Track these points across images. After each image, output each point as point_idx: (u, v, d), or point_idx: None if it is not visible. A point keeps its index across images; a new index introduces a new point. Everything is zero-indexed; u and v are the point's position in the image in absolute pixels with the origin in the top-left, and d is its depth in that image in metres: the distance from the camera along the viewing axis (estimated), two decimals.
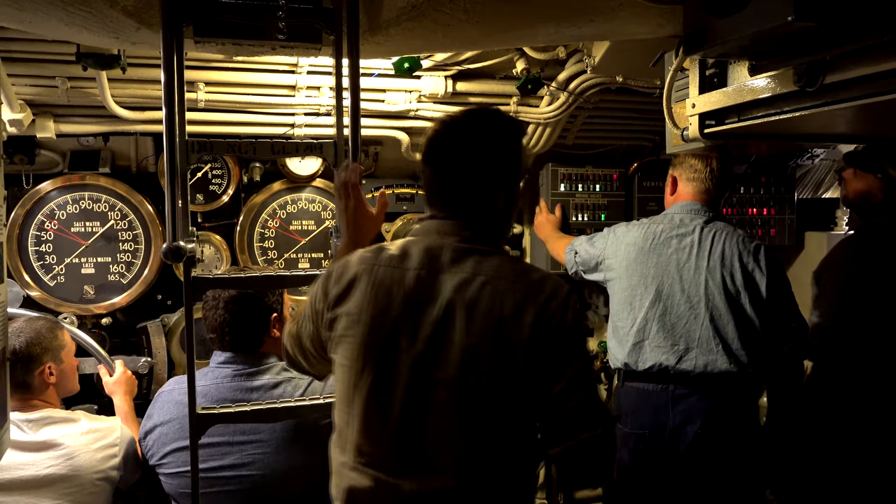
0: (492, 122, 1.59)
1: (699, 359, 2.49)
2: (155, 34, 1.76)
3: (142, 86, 2.63)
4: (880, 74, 1.25)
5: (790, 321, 2.56)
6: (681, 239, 2.58)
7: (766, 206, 3.68)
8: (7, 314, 1.93)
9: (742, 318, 2.50)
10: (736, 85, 1.65)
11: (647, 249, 2.59)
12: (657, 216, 2.73)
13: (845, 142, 2.64)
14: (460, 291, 1.44)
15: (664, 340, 2.53)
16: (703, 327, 2.49)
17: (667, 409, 2.52)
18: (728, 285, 2.51)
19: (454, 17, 1.87)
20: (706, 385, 2.49)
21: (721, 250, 2.53)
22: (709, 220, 2.61)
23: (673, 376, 2.51)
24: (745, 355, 2.48)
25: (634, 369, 2.58)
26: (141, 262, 2.98)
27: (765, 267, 2.53)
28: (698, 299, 2.51)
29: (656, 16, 1.86)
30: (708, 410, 2.48)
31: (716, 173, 2.63)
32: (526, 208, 3.60)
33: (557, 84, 2.96)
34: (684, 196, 2.68)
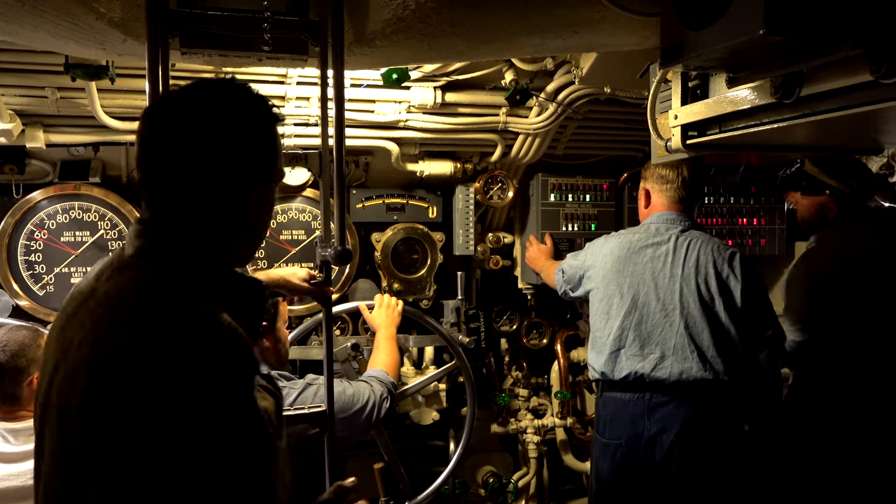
0: (216, 93, 1.22)
1: (674, 366, 2.49)
2: (141, 45, 1.77)
3: (131, 96, 2.65)
4: (854, 87, 1.27)
5: (766, 328, 2.56)
6: (656, 247, 2.59)
7: (756, 216, 3.69)
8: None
9: (717, 326, 2.50)
10: (716, 96, 1.66)
11: (624, 259, 2.61)
12: (635, 227, 2.75)
13: (826, 152, 2.66)
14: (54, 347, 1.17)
15: (640, 349, 2.53)
16: (679, 335, 2.50)
17: (643, 418, 2.52)
18: (703, 292, 2.51)
19: (440, 29, 1.88)
20: (682, 393, 2.49)
21: (696, 258, 2.54)
22: (685, 228, 2.62)
23: (649, 384, 2.52)
24: (720, 363, 2.49)
25: (612, 378, 2.59)
26: None
27: (739, 274, 2.53)
28: (673, 307, 2.52)
29: (640, 27, 1.88)
30: (684, 419, 2.48)
31: (687, 182, 2.64)
32: (517, 217, 3.62)
33: (546, 95, 2.98)
34: (659, 207, 2.70)
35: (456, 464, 3.08)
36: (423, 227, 3.38)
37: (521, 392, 3.70)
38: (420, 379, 3.03)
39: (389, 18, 1.83)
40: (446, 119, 3.05)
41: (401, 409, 3.23)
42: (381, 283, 3.36)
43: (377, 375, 2.52)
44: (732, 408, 2.58)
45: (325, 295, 1.88)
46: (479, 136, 3.17)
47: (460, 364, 3.02)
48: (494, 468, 3.72)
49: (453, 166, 3.30)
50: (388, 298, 2.94)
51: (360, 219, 3.32)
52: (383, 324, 2.83)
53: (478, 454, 3.70)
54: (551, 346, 3.75)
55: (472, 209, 3.40)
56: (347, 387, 2.35)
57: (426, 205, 3.41)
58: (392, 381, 2.55)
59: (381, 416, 2.39)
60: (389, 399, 2.45)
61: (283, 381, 2.18)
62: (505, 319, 3.74)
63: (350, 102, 2.87)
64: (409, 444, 3.40)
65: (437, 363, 3.35)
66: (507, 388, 3.71)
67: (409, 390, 2.96)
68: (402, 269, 3.37)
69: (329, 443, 1.85)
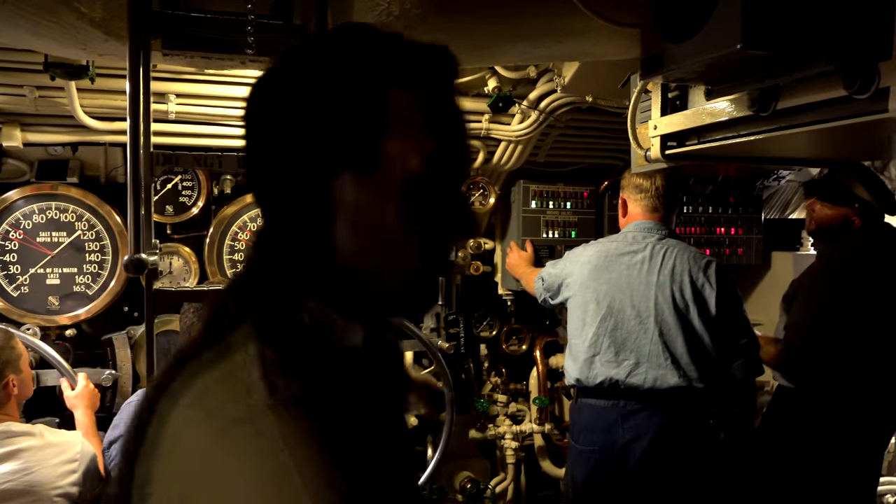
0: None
1: (649, 373, 2.50)
2: (123, 45, 1.76)
3: (111, 96, 2.63)
4: (828, 101, 1.29)
5: (740, 337, 2.57)
6: (633, 255, 2.61)
7: (733, 226, 3.74)
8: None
9: (691, 334, 2.52)
10: (695, 108, 1.69)
11: (601, 267, 2.62)
12: (614, 235, 2.77)
13: (804, 164, 2.71)
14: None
15: (614, 355, 2.55)
16: (653, 342, 2.51)
17: (617, 425, 2.53)
18: (677, 300, 2.52)
19: (424, 35, 1.89)
20: (656, 400, 2.51)
21: (671, 266, 2.55)
22: (662, 237, 2.64)
23: (623, 391, 2.53)
24: (694, 370, 2.50)
25: (587, 385, 2.60)
26: (108, 274, 2.95)
27: (714, 282, 2.54)
28: (648, 314, 2.53)
29: (623, 38, 1.90)
30: (657, 427, 2.50)
31: (661, 191, 2.65)
32: (498, 223, 3.64)
33: (529, 102, 3.00)
34: (636, 216, 2.71)
35: (433, 469, 3.08)
36: None
37: (500, 398, 3.71)
38: None
39: (373, 24, 1.83)
40: None
41: None
42: None
43: None
44: (706, 416, 2.60)
45: None
46: None
47: (439, 369, 3.03)
48: (472, 474, 3.72)
49: None
50: None
51: None
52: None
53: (456, 460, 3.70)
54: (530, 353, 3.76)
55: None
56: None
57: None
58: None
59: None
60: None
61: None
62: (485, 325, 3.75)
63: None
64: None
65: (416, 368, 3.35)
66: (486, 394, 3.71)
67: None
68: None
69: None
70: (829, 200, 2.89)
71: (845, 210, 2.86)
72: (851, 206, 2.84)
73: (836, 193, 2.86)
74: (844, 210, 2.86)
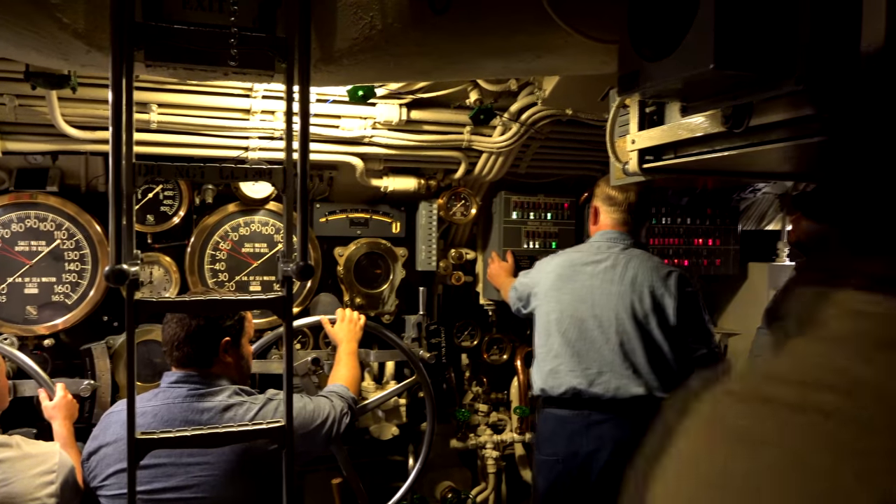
0: None
1: (610, 383, 2.52)
2: (105, 57, 1.76)
3: (93, 105, 2.62)
4: (798, 119, 1.33)
5: (699, 347, 2.58)
6: (596, 265, 2.63)
7: (711, 237, 3.80)
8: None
9: (650, 343, 2.54)
10: (671, 123, 1.72)
11: (565, 277, 2.65)
12: (581, 244, 2.80)
13: (778, 178, 2.76)
14: None
15: (577, 364, 2.56)
16: (614, 352, 2.53)
17: (580, 435, 2.55)
18: (637, 310, 2.54)
19: (406, 49, 1.91)
20: (618, 410, 2.52)
21: (633, 276, 2.57)
22: (626, 247, 2.66)
23: (586, 401, 2.54)
24: (654, 380, 2.52)
25: (551, 394, 2.62)
26: (87, 283, 2.93)
27: (674, 292, 2.56)
28: (609, 324, 2.55)
29: (601, 53, 1.94)
30: (620, 437, 2.51)
31: (633, 206, 2.69)
32: (479, 234, 3.66)
33: (510, 115, 3.03)
34: (605, 225, 2.74)
35: (415, 479, 3.08)
36: (386, 243, 3.40)
37: (481, 407, 3.73)
38: (380, 394, 3.04)
39: (356, 38, 1.85)
40: (411, 136, 3.08)
41: (361, 424, 3.23)
42: (343, 298, 3.36)
43: (338, 391, 2.52)
44: None
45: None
46: (443, 154, 3.21)
47: (420, 379, 3.04)
48: (453, 483, 3.73)
49: (417, 182, 3.33)
50: (350, 313, 2.95)
51: (324, 233, 3.33)
52: (345, 338, 2.83)
53: (437, 469, 3.71)
54: (511, 362, 3.79)
55: (435, 225, 3.43)
56: (308, 402, 2.35)
57: (390, 220, 3.43)
58: (353, 396, 2.55)
59: (341, 431, 2.38)
60: (350, 414, 2.45)
61: (245, 395, 2.16)
62: (466, 335, 3.77)
63: (316, 117, 2.89)
64: (369, 459, 3.40)
65: (397, 378, 3.36)
66: (467, 404, 3.73)
67: (369, 405, 2.96)
68: (365, 283, 3.38)
69: (287, 458, 1.84)
70: (815, 217, 2.96)
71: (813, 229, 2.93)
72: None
73: (826, 209, 2.92)
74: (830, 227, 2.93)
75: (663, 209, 3.71)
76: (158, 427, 1.98)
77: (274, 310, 1.92)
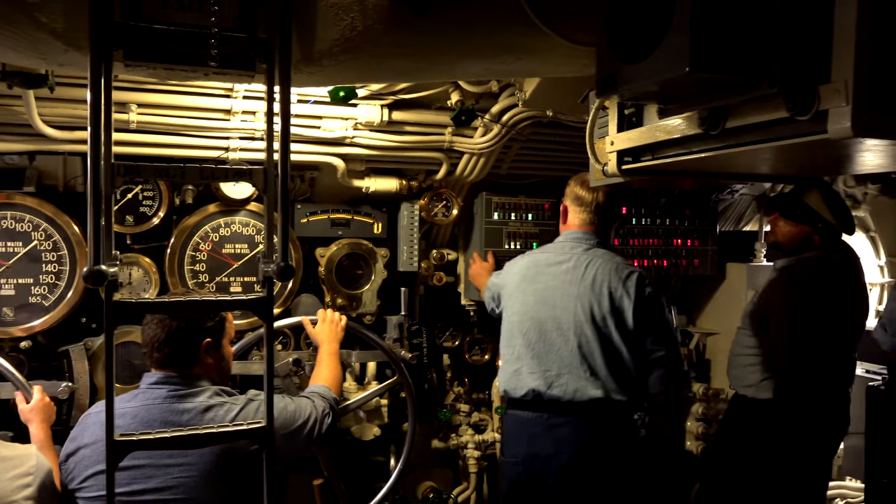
0: None
1: (569, 385, 2.50)
2: (84, 56, 1.75)
3: (71, 105, 2.60)
4: (773, 122, 1.36)
5: (657, 349, 2.53)
6: (558, 266, 2.61)
7: (689, 238, 3.84)
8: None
9: (608, 346, 2.51)
10: (649, 125, 1.75)
11: (530, 277, 2.64)
12: (547, 245, 2.78)
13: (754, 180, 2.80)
14: None
15: (537, 366, 2.55)
16: (573, 354, 2.51)
17: (540, 437, 2.53)
18: (595, 313, 2.51)
19: (387, 50, 1.92)
20: (578, 413, 2.50)
21: (593, 277, 2.55)
22: (589, 247, 2.63)
23: (546, 403, 2.52)
24: (612, 382, 2.49)
25: (513, 396, 2.61)
26: (65, 284, 2.90)
27: (633, 294, 2.52)
28: (569, 326, 2.53)
29: (581, 56, 1.96)
30: (579, 440, 2.49)
31: (600, 207, 2.66)
32: (461, 234, 3.67)
33: (491, 116, 3.05)
34: (571, 225, 2.73)
35: (396, 479, 3.08)
36: (367, 243, 3.40)
37: (463, 407, 3.74)
38: (362, 394, 3.03)
39: (337, 38, 1.85)
40: (392, 137, 3.08)
41: (342, 425, 3.22)
42: (325, 299, 3.36)
43: (319, 391, 2.51)
44: (630, 429, 2.59)
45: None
46: (424, 155, 3.22)
47: (402, 380, 3.04)
48: (435, 483, 3.73)
49: (399, 183, 3.33)
50: (331, 313, 2.94)
51: (305, 233, 3.32)
52: (326, 339, 2.83)
53: (418, 470, 3.71)
54: (493, 362, 3.80)
55: (416, 226, 3.43)
56: (289, 402, 2.34)
57: (371, 221, 3.43)
58: (334, 397, 2.54)
59: (323, 432, 2.38)
60: (331, 415, 2.44)
61: (225, 396, 2.16)
62: (448, 335, 3.78)
63: (296, 118, 2.88)
64: (350, 459, 3.39)
65: (379, 379, 3.36)
66: (449, 404, 3.73)
67: (350, 406, 2.96)
68: (346, 284, 3.38)
69: (268, 459, 1.84)
70: (793, 218, 3.01)
71: (807, 229, 2.99)
72: (814, 225, 2.96)
73: (801, 213, 2.98)
74: (807, 228, 2.99)
75: (643, 210, 3.75)
76: (138, 428, 1.96)
77: (255, 311, 1.91)
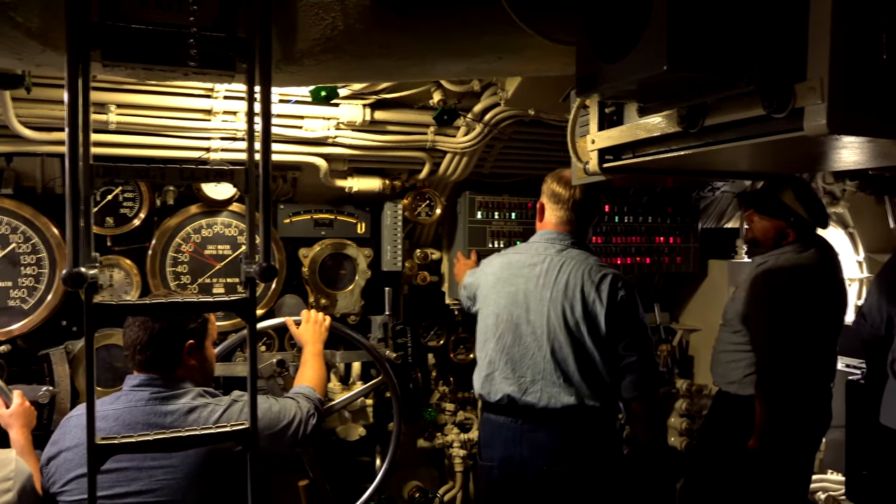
0: None
1: (543, 392, 2.43)
2: (61, 56, 1.73)
3: (49, 106, 2.57)
4: (750, 120, 1.37)
5: (629, 354, 2.44)
6: (532, 268, 2.52)
7: (672, 235, 3.87)
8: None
9: (581, 352, 2.43)
10: (629, 123, 1.76)
11: (504, 279, 2.57)
12: (521, 245, 2.71)
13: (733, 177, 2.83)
14: None
15: (511, 372, 2.48)
16: (546, 360, 2.44)
17: (515, 442, 2.48)
18: (568, 318, 2.43)
19: (369, 50, 1.92)
20: (552, 419, 2.44)
21: (566, 281, 2.46)
22: (563, 248, 2.54)
23: (521, 409, 2.46)
24: (586, 388, 2.42)
25: (488, 400, 2.56)
26: (45, 287, 2.87)
27: (605, 299, 2.42)
28: (542, 331, 2.45)
29: (562, 55, 1.96)
30: (553, 446, 2.44)
31: (577, 203, 2.56)
32: (445, 234, 3.68)
33: (473, 115, 3.06)
34: (548, 224, 2.63)
35: (382, 479, 3.08)
36: (351, 243, 3.39)
37: (448, 406, 3.74)
38: (347, 395, 3.03)
39: (318, 38, 1.85)
40: (375, 136, 3.08)
41: (327, 425, 3.21)
42: (309, 299, 3.35)
43: (304, 392, 2.51)
44: (605, 435, 2.52)
45: None
46: (407, 154, 3.22)
47: (387, 379, 3.04)
48: (420, 483, 3.73)
49: (382, 183, 3.33)
50: (315, 314, 2.93)
51: (288, 234, 3.31)
52: (310, 339, 2.82)
53: (404, 469, 3.71)
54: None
55: (400, 225, 3.43)
56: (274, 403, 2.33)
57: (354, 220, 3.43)
58: (319, 397, 2.54)
59: (308, 433, 2.37)
60: (316, 416, 2.44)
61: (209, 398, 2.14)
62: (432, 335, 3.78)
63: (278, 118, 2.87)
64: (336, 460, 3.39)
65: (364, 379, 3.36)
66: (434, 403, 3.74)
67: (335, 406, 2.95)
68: (330, 284, 3.37)
69: (252, 461, 1.83)
70: (767, 213, 3.04)
71: (781, 223, 3.01)
72: (787, 219, 2.99)
73: (773, 207, 3.00)
74: (780, 223, 3.01)
75: (625, 208, 3.77)
76: (120, 431, 1.95)
77: (237, 311, 1.90)
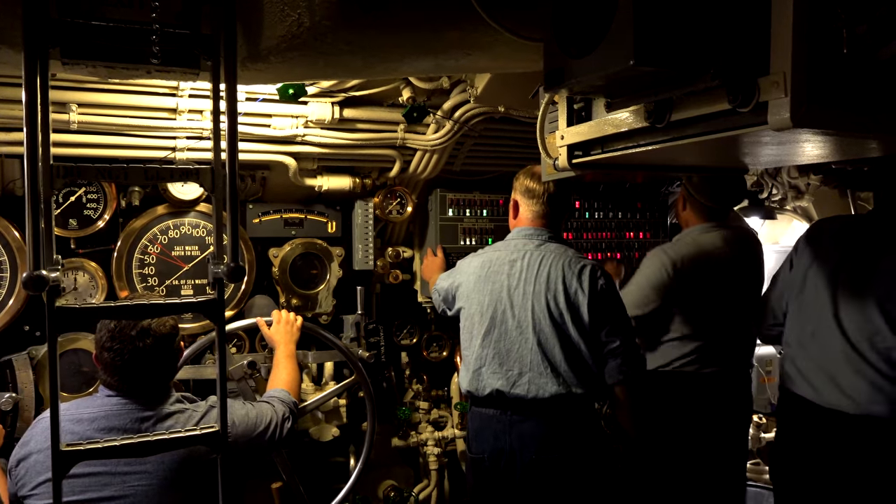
0: None
1: (531, 383, 2.52)
2: (17, 55, 1.68)
3: (7, 105, 2.51)
4: (715, 114, 1.39)
5: (612, 340, 2.54)
6: (512, 265, 2.61)
7: (641, 230, 3.91)
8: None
9: (567, 342, 2.53)
10: (598, 119, 1.77)
11: (484, 277, 2.64)
12: (499, 243, 2.77)
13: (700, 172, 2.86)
14: None
15: (499, 367, 2.56)
16: (533, 352, 2.52)
17: (504, 434, 2.56)
18: (552, 309, 2.52)
19: (335, 47, 1.90)
20: (540, 409, 2.52)
21: (546, 275, 2.55)
22: (541, 243, 2.63)
23: (510, 401, 2.54)
24: (573, 377, 2.52)
25: (477, 395, 2.62)
26: (6, 292, 2.80)
27: (587, 288, 2.53)
28: (527, 324, 2.54)
29: (530, 51, 1.96)
30: (542, 435, 2.52)
31: (552, 196, 2.64)
32: (416, 231, 3.67)
33: (443, 113, 3.05)
34: (523, 221, 2.71)
35: (356, 479, 3.07)
36: (322, 242, 3.37)
37: (422, 405, 3.73)
38: (320, 395, 3.01)
39: (284, 35, 1.83)
40: (344, 134, 3.06)
41: (300, 426, 3.18)
42: (280, 300, 3.31)
43: (279, 396, 2.49)
44: (591, 422, 2.63)
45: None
46: (377, 152, 3.20)
47: (360, 379, 3.02)
48: (395, 482, 3.72)
49: (352, 181, 3.30)
50: (286, 314, 2.90)
51: (257, 234, 3.27)
52: (282, 340, 2.79)
53: (379, 469, 3.70)
54: (451, 359, 3.80)
55: (371, 224, 3.41)
56: (250, 409, 2.31)
57: (325, 220, 3.40)
58: (294, 400, 2.53)
59: (283, 436, 2.36)
60: (291, 419, 2.42)
61: (187, 403, 2.11)
62: (405, 333, 3.77)
63: (245, 116, 2.84)
64: (309, 461, 3.36)
65: (336, 379, 3.33)
66: (408, 402, 3.73)
67: (308, 407, 2.93)
68: (301, 284, 3.34)
69: (223, 464, 1.80)
70: (682, 203, 3.18)
71: (686, 211, 3.15)
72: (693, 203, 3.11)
73: (685, 192, 3.14)
74: (686, 211, 3.15)
75: (595, 203, 3.80)
76: (94, 435, 1.91)
77: (205, 313, 1.87)
